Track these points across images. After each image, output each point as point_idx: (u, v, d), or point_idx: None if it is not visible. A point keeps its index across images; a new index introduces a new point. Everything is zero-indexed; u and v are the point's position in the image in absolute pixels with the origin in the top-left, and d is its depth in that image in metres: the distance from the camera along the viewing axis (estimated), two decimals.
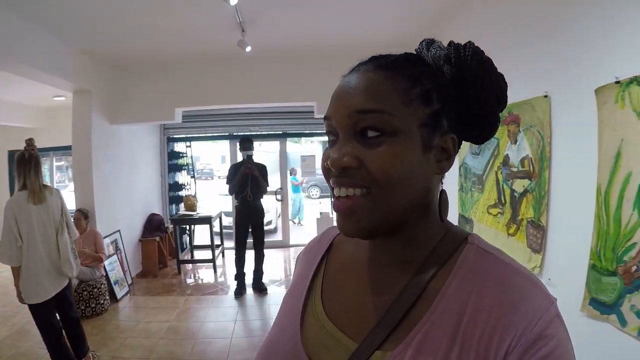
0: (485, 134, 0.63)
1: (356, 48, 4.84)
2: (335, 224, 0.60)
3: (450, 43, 0.59)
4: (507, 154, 2.82)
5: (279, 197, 7.04)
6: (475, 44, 0.58)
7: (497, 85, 0.60)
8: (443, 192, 0.62)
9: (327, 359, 0.58)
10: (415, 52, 0.62)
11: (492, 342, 0.48)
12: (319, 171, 2.57)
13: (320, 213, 7.12)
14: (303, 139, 13.73)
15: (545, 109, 2.38)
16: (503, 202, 2.88)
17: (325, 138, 0.62)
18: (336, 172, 0.55)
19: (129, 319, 4.46)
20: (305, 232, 9.05)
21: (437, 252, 0.58)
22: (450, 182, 3.63)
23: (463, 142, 0.63)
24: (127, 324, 4.30)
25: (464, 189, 3.49)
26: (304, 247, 0.82)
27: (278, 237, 8.00)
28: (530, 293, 0.51)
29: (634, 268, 1.75)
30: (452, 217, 3.61)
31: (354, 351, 0.55)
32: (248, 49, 4.00)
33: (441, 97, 0.57)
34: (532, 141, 2.54)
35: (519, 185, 2.69)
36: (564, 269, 2.27)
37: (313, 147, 16.02)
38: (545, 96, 2.38)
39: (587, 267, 2.04)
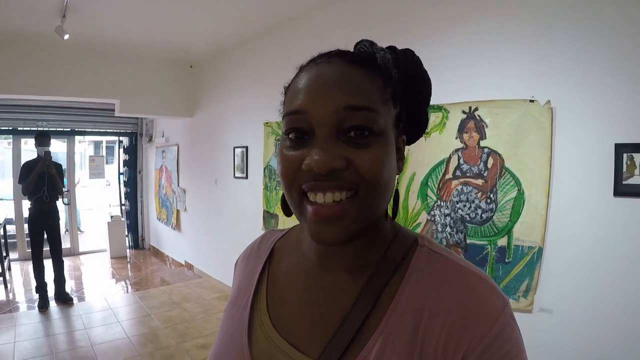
0: (420, 133, 0.64)
1: (170, 51, 4.77)
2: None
3: (392, 47, 0.59)
4: None
5: (66, 200, 6.05)
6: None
7: (430, 89, 0.62)
8: (397, 191, 0.59)
9: None
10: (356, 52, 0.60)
11: (449, 346, 0.47)
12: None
13: (111, 217, 6.48)
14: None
15: None
16: None
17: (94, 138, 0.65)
18: (318, 176, 0.48)
19: None
20: (87, 239, 7.80)
21: (389, 256, 0.56)
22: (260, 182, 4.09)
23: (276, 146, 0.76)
24: None
25: (268, 187, 3.96)
26: (241, 253, 0.76)
27: (66, 244, 6.78)
28: (485, 294, 0.50)
29: None
30: (258, 213, 4.07)
31: None
32: (66, 37, 3.45)
33: (401, 99, 0.56)
34: None
35: None
36: None
37: (83, 147, 13.42)
38: None
39: None
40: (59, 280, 4.53)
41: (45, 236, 4.45)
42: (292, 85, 0.56)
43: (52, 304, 4.46)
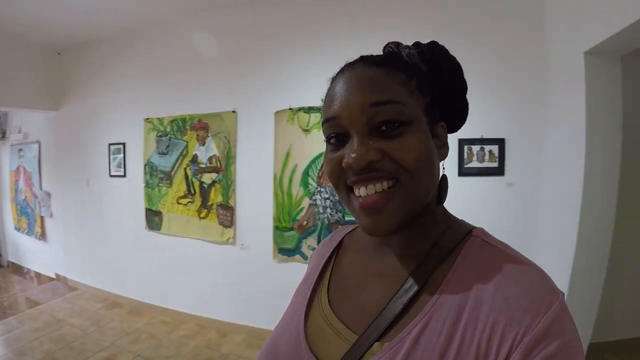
0: (462, 120, 0.66)
1: (31, 33, 4.12)
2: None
3: (417, 43, 0.62)
4: (196, 154, 3.51)
5: None
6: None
7: (463, 77, 0.64)
8: (444, 177, 0.61)
9: (327, 349, 0.58)
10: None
11: (493, 339, 0.47)
12: None
13: None
14: None
15: (233, 121, 3.27)
16: (193, 192, 3.54)
17: None
18: (358, 170, 0.53)
19: None
20: None
21: (440, 244, 0.57)
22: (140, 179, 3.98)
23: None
24: None
25: (150, 185, 3.89)
26: (317, 246, 0.83)
27: None
28: (535, 287, 0.49)
29: (304, 223, 2.94)
30: (140, 212, 3.96)
31: (354, 342, 0.55)
32: None
33: (431, 88, 0.58)
34: (219, 144, 3.35)
35: (208, 178, 3.44)
36: (254, 234, 3.24)
37: None
38: (234, 111, 3.27)
39: (272, 228, 3.11)
40: None
41: None
42: (326, 97, 0.60)
43: None
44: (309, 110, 2.95)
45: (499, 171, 2.67)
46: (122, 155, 4.12)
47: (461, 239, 0.58)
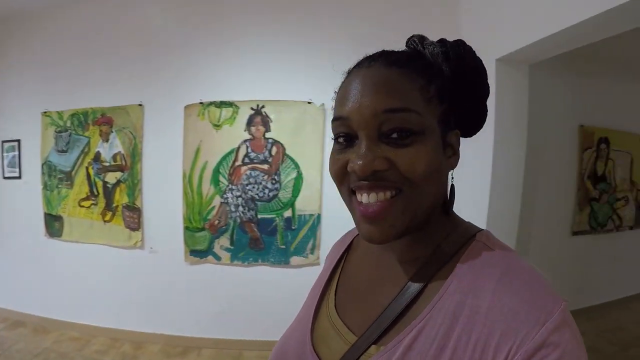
0: (478, 127, 0.64)
1: None
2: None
3: (442, 40, 0.59)
4: (99, 151, 3.22)
5: None
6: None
7: (487, 81, 0.61)
8: (452, 186, 0.60)
9: (329, 349, 0.60)
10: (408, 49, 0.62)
11: (488, 349, 0.46)
12: None
13: None
14: None
15: (139, 115, 3.04)
16: (96, 193, 3.25)
17: None
18: (363, 177, 0.51)
19: None
20: None
21: (442, 249, 0.57)
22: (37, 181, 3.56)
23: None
24: None
25: (48, 187, 3.51)
26: (332, 245, 0.83)
27: None
28: (534, 295, 0.47)
29: (216, 222, 2.80)
30: (38, 217, 3.56)
31: (353, 343, 0.56)
32: None
33: (449, 94, 0.56)
34: (124, 140, 3.10)
35: (112, 177, 3.17)
36: (163, 237, 3.03)
37: None
38: (140, 105, 3.02)
39: (182, 229, 2.91)
40: None
41: None
42: (339, 90, 0.57)
43: None
44: (221, 104, 2.82)
45: None
46: (16, 153, 3.68)
47: (464, 244, 0.56)
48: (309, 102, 2.72)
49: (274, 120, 2.76)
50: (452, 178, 0.60)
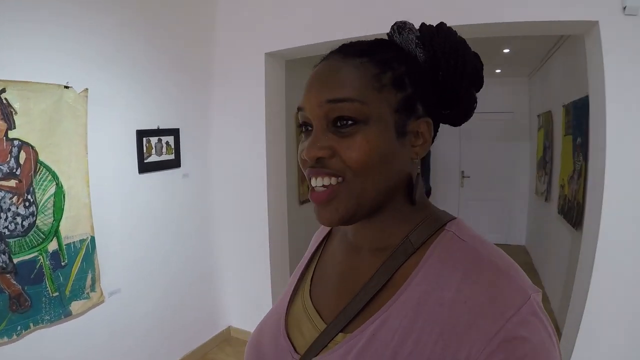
0: (462, 116, 0.62)
1: None
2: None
3: (422, 26, 0.59)
4: None
5: None
6: (447, 25, 0.59)
7: (471, 67, 0.58)
8: (418, 176, 0.59)
9: (301, 335, 0.61)
10: (387, 37, 0.62)
11: (450, 343, 0.45)
12: None
13: None
14: None
15: None
16: None
17: None
18: (310, 163, 0.54)
19: None
20: None
21: (410, 238, 0.56)
22: None
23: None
24: None
25: None
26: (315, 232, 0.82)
27: None
28: (499, 288, 0.46)
29: None
30: None
31: (322, 331, 0.57)
32: None
33: (414, 81, 0.55)
34: None
35: None
36: None
37: None
38: None
39: None
40: None
41: None
42: None
43: None
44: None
45: (175, 163, 2.64)
46: None
47: (432, 233, 0.56)
48: (66, 87, 1.95)
49: (20, 112, 1.79)
50: (419, 167, 0.59)
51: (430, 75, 0.57)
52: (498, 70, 5.40)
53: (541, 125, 4.87)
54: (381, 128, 0.53)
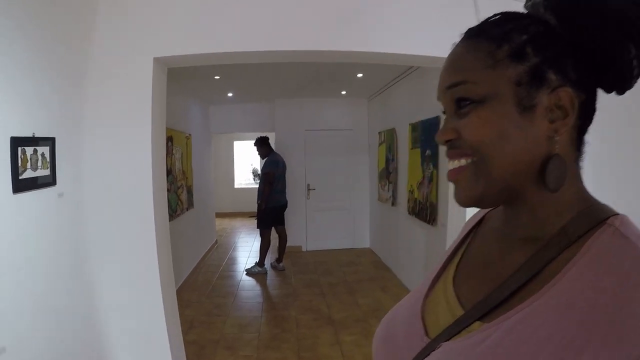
0: (620, 80, 0.52)
1: None
2: None
3: None
4: None
5: None
6: None
7: (623, 22, 0.48)
8: (555, 157, 0.51)
9: (436, 320, 0.60)
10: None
11: (599, 354, 0.39)
12: None
13: None
14: None
15: None
16: None
17: None
18: (445, 145, 0.57)
19: None
20: None
21: (566, 230, 0.51)
22: None
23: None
24: None
25: None
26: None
27: None
28: None
29: None
30: None
31: (458, 318, 0.56)
32: None
33: (541, 48, 0.51)
34: None
35: None
36: None
37: None
38: None
39: None
40: None
41: None
42: None
43: None
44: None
45: (51, 180, 2.11)
46: None
47: (591, 227, 0.49)
48: None
49: None
50: (557, 148, 0.51)
51: (568, 37, 0.51)
52: (344, 92, 6.08)
53: (382, 140, 5.67)
54: (497, 105, 0.52)
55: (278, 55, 2.65)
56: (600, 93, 0.54)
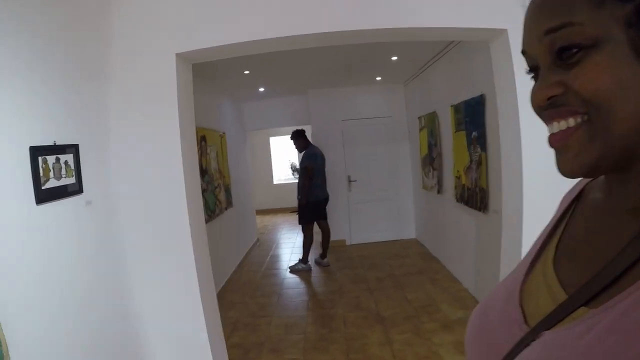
0: None
1: None
2: None
3: None
4: None
5: None
6: None
7: None
8: None
9: (536, 305, 0.55)
10: None
11: None
12: None
13: None
14: None
15: None
16: None
17: None
18: (542, 107, 0.48)
19: None
20: None
21: None
22: None
23: None
24: None
25: None
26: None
27: None
28: None
29: None
30: None
31: (561, 303, 0.49)
32: None
33: None
34: None
35: None
36: None
37: None
38: None
39: None
40: None
41: None
42: None
43: None
44: None
45: (77, 188, 2.06)
46: None
47: None
48: None
49: None
50: None
51: None
52: (379, 78, 5.80)
53: (423, 125, 5.37)
54: (611, 49, 0.44)
55: (306, 39, 2.47)
56: None
